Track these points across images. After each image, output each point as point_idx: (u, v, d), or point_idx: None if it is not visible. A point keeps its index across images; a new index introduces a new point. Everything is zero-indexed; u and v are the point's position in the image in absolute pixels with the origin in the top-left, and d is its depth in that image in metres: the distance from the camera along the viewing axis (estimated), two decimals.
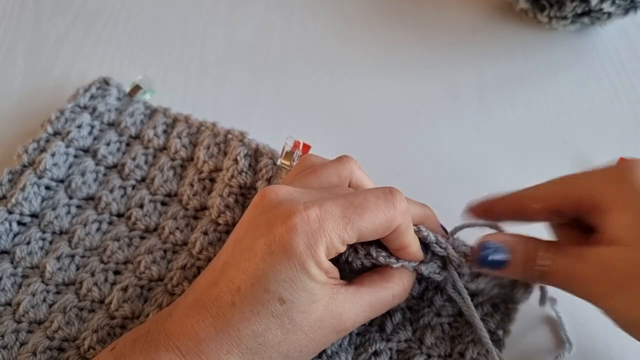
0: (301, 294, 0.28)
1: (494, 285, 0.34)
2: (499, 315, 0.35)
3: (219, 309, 0.29)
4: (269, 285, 0.28)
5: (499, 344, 0.34)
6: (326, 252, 0.29)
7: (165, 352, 0.29)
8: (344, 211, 0.29)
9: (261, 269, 0.28)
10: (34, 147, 0.44)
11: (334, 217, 0.29)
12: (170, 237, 0.40)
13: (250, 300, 0.28)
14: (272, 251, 0.28)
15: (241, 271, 0.29)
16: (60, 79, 0.53)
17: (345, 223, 0.29)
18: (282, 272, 0.28)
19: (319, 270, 0.29)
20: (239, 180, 0.41)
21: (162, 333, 0.30)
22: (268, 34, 0.56)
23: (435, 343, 0.34)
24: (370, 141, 0.48)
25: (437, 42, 0.55)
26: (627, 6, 0.50)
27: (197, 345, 0.29)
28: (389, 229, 0.30)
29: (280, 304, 0.28)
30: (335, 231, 0.28)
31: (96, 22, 0.57)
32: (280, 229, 0.28)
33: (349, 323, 0.31)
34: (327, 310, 0.30)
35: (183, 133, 0.44)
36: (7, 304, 0.38)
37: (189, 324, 0.29)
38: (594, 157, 0.46)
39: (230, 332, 0.29)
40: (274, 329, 0.29)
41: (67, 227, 0.41)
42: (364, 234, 0.29)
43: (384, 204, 0.30)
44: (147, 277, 0.38)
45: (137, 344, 0.30)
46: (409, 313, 0.36)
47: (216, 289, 0.30)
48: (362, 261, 0.33)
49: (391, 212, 0.29)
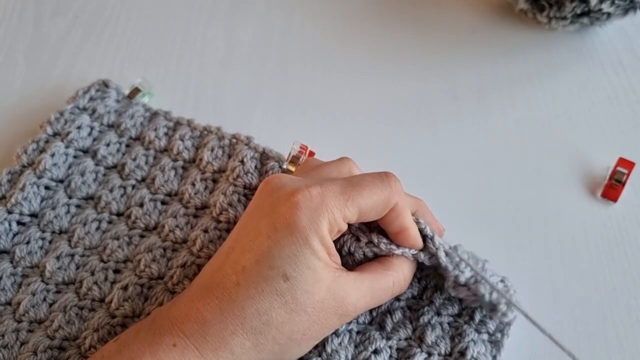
0: (305, 270, 0.29)
1: (473, 300, 0.35)
2: (497, 318, 0.35)
3: (224, 290, 0.29)
4: (273, 262, 0.29)
5: (498, 346, 0.34)
6: (329, 228, 0.30)
7: (169, 336, 0.29)
8: (343, 189, 0.30)
9: (265, 245, 0.29)
10: (33, 147, 0.44)
11: (334, 193, 0.30)
12: (170, 235, 0.40)
13: (255, 278, 0.29)
14: (276, 228, 0.29)
15: (246, 251, 0.30)
16: (61, 79, 0.53)
17: (346, 199, 0.30)
18: (285, 248, 0.29)
19: (321, 247, 0.30)
20: (245, 180, 0.41)
21: (166, 320, 0.30)
22: (268, 34, 0.56)
23: (435, 341, 0.34)
24: (370, 141, 0.48)
25: (437, 43, 0.55)
26: (626, 6, 0.50)
27: (201, 327, 0.29)
28: (387, 206, 0.31)
29: (284, 281, 0.29)
30: (337, 206, 0.30)
31: (96, 23, 0.57)
32: (284, 207, 0.29)
33: (351, 307, 0.31)
34: (330, 291, 0.30)
35: (186, 136, 0.44)
36: (7, 304, 0.38)
37: (194, 307, 0.30)
38: (594, 157, 0.46)
39: (235, 311, 0.29)
40: (277, 308, 0.29)
41: (67, 227, 0.41)
42: (363, 211, 0.31)
43: (380, 182, 0.31)
44: (147, 276, 0.38)
45: (140, 332, 0.30)
46: (409, 312, 0.36)
47: (221, 272, 0.30)
48: (364, 250, 0.34)
49: (387, 190, 0.31)
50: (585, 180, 0.45)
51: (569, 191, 0.44)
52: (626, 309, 0.38)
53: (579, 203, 0.43)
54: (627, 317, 0.38)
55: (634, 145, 0.47)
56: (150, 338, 0.29)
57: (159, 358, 0.28)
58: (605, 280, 0.39)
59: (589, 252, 0.41)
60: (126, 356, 0.29)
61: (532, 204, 0.44)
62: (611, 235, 0.42)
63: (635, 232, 0.42)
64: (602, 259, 0.40)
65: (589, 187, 0.44)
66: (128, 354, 0.29)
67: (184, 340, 0.29)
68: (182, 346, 0.29)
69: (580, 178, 0.45)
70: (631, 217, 0.42)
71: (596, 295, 0.39)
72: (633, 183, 0.44)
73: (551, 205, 0.43)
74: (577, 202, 0.43)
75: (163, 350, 0.29)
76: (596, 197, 0.44)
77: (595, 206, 0.43)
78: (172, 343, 0.29)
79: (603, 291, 0.39)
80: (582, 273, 0.40)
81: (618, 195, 0.43)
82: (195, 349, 0.29)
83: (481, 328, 0.35)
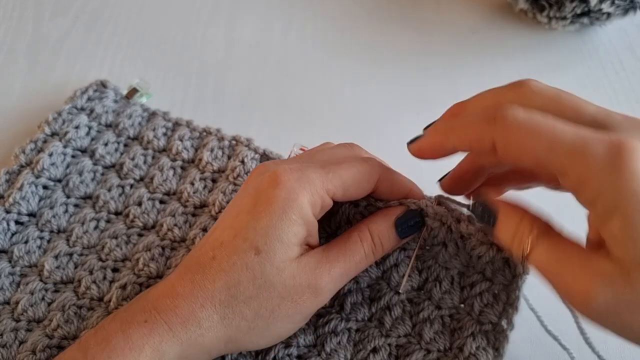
0: (276, 244, 0.29)
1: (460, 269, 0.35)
2: (500, 306, 0.34)
3: (199, 265, 0.30)
4: (248, 234, 0.29)
5: (503, 337, 0.33)
6: (311, 200, 0.30)
7: (142, 313, 0.29)
8: (323, 164, 0.31)
9: (245, 220, 0.30)
10: (31, 147, 0.44)
11: (314, 168, 0.31)
12: (169, 233, 0.40)
13: (229, 250, 0.29)
14: (256, 203, 0.30)
15: (227, 228, 0.30)
16: (61, 79, 0.53)
17: (327, 172, 0.30)
18: (262, 220, 0.29)
19: (300, 219, 0.30)
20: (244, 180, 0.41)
21: (142, 300, 0.31)
22: (268, 34, 0.56)
23: (434, 338, 0.34)
24: (369, 141, 0.48)
25: (437, 43, 0.55)
26: (626, 6, 0.50)
27: (173, 301, 0.29)
28: (371, 179, 0.32)
29: (256, 254, 0.29)
30: (318, 178, 0.30)
31: (96, 23, 0.57)
32: (265, 184, 0.30)
33: (324, 278, 0.30)
34: (300, 267, 0.30)
35: (185, 136, 0.44)
36: (5, 303, 0.37)
37: (169, 284, 0.30)
38: None
39: (206, 284, 0.29)
40: (245, 282, 0.29)
41: (65, 226, 0.41)
42: (347, 183, 0.31)
43: (357, 160, 0.32)
44: (145, 275, 0.38)
45: (117, 315, 0.31)
46: (409, 305, 0.36)
47: (201, 249, 0.31)
48: (363, 214, 0.34)
49: (365, 163, 0.32)
50: None
51: None
52: None
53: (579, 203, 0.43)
54: None
55: None
56: (124, 318, 0.30)
57: (129, 335, 0.29)
58: None
59: None
60: (100, 337, 0.29)
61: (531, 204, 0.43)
62: None
63: None
64: None
65: None
66: (102, 334, 0.29)
67: (154, 315, 0.29)
68: (152, 321, 0.29)
69: None
70: None
71: None
72: None
73: (551, 205, 0.43)
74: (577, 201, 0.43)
75: (134, 327, 0.29)
76: None
77: None
78: (144, 319, 0.29)
79: None
80: None
81: None
82: (164, 323, 0.29)
83: (483, 319, 0.34)
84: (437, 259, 0.35)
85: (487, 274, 0.35)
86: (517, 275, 0.34)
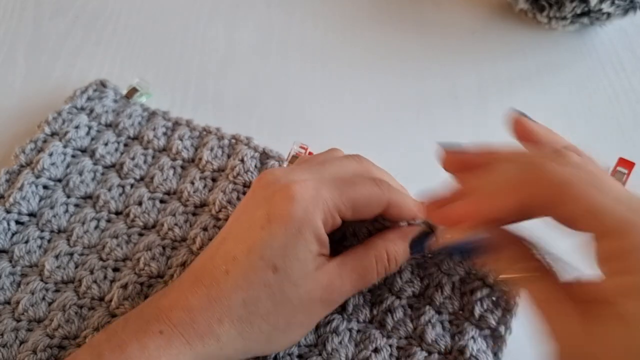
0: (294, 262, 0.29)
1: None
2: (499, 312, 0.35)
3: (212, 279, 0.30)
4: (264, 252, 0.29)
5: (501, 341, 0.34)
6: (323, 219, 0.30)
7: (156, 323, 0.29)
8: (337, 184, 0.31)
9: (258, 236, 0.29)
10: (31, 147, 0.44)
11: (329, 187, 0.30)
12: (169, 233, 0.40)
13: (245, 268, 0.29)
14: (270, 219, 0.29)
15: (239, 242, 0.30)
16: (61, 79, 0.53)
17: (340, 193, 0.31)
18: (278, 239, 0.29)
19: (313, 238, 0.30)
20: (244, 179, 0.41)
21: (155, 309, 0.30)
22: (268, 34, 0.56)
23: (435, 340, 0.34)
24: (369, 141, 0.48)
25: (437, 43, 0.55)
26: (626, 6, 0.50)
27: (188, 314, 0.29)
28: (381, 203, 0.32)
29: (273, 272, 0.29)
30: (332, 199, 0.30)
31: (96, 23, 0.57)
32: (279, 198, 0.30)
33: (336, 293, 0.32)
34: (315, 281, 0.30)
35: (185, 136, 0.44)
36: (6, 303, 0.37)
37: (182, 295, 0.30)
38: (594, 157, 0.45)
39: (222, 300, 0.29)
40: (264, 299, 0.29)
41: (66, 226, 0.41)
42: (357, 206, 0.31)
43: (370, 182, 0.32)
44: (146, 274, 0.38)
45: (129, 322, 0.30)
46: (410, 310, 0.36)
47: (212, 261, 0.31)
48: (369, 229, 0.34)
49: (377, 188, 0.32)
50: None
51: None
52: None
53: None
54: None
55: (634, 145, 0.46)
56: (137, 326, 0.30)
57: (145, 344, 0.29)
58: None
59: None
60: (114, 344, 0.29)
61: None
62: None
63: None
64: None
65: None
66: (116, 341, 0.29)
67: (170, 327, 0.29)
68: (169, 333, 0.29)
69: None
70: None
71: None
72: (633, 183, 0.44)
73: None
74: None
75: (149, 337, 0.29)
76: None
77: None
78: (159, 330, 0.29)
79: None
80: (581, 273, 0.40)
81: None
82: (181, 335, 0.29)
83: (482, 324, 0.35)
84: (441, 266, 0.36)
85: (488, 280, 0.36)
86: None
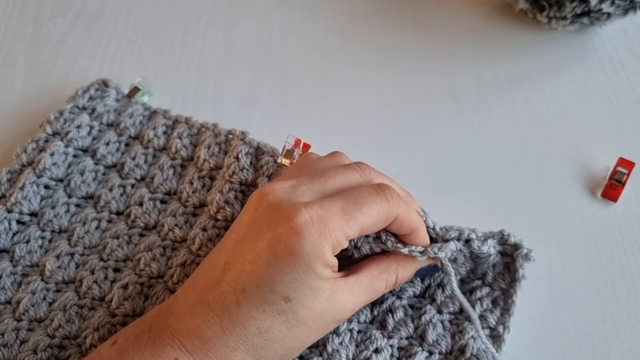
0: (306, 291, 0.29)
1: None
2: (498, 311, 0.35)
3: (223, 309, 0.29)
4: (275, 287, 0.29)
5: (499, 340, 0.35)
6: (332, 250, 0.29)
7: (171, 349, 0.29)
8: (344, 208, 0.30)
9: (266, 272, 0.29)
10: (33, 147, 0.44)
11: (336, 215, 0.29)
12: (170, 234, 0.40)
13: (256, 300, 0.29)
14: (278, 255, 0.29)
15: (245, 273, 0.29)
16: (61, 79, 0.53)
17: (347, 219, 0.29)
18: (288, 274, 0.29)
19: (325, 269, 0.30)
20: (240, 177, 0.41)
21: (165, 330, 0.30)
22: (268, 34, 0.56)
23: (436, 340, 0.34)
24: (369, 141, 0.48)
25: (437, 42, 0.55)
26: (626, 6, 0.50)
27: (204, 344, 0.29)
28: (388, 220, 0.31)
29: (286, 302, 0.29)
30: (339, 229, 0.29)
31: (96, 23, 0.57)
32: (284, 231, 0.29)
33: (348, 312, 0.32)
34: (329, 302, 0.31)
35: (184, 134, 0.44)
36: (7, 302, 0.38)
37: (194, 322, 0.30)
38: (594, 157, 0.46)
39: (237, 329, 0.29)
40: (279, 325, 0.29)
41: (67, 226, 0.41)
42: (365, 228, 0.30)
43: (378, 197, 0.31)
44: (147, 275, 0.38)
45: (139, 340, 0.30)
46: (410, 310, 0.36)
47: (219, 288, 0.30)
48: (372, 246, 0.34)
49: (386, 204, 0.31)
50: (585, 180, 0.45)
51: (569, 191, 0.44)
52: (626, 309, 0.38)
53: (578, 203, 0.43)
54: (627, 317, 0.38)
55: (634, 145, 0.47)
56: (150, 349, 0.29)
57: None
58: (605, 280, 0.39)
59: (589, 252, 0.41)
60: None
61: (531, 204, 0.44)
62: (611, 235, 0.42)
63: (635, 232, 0.42)
64: (602, 259, 0.40)
65: (589, 187, 0.44)
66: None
67: (186, 355, 0.29)
68: None
69: (580, 178, 0.45)
70: (631, 217, 0.42)
71: (596, 295, 0.39)
72: (633, 183, 0.44)
73: (551, 205, 0.43)
74: (577, 201, 0.43)
75: None
76: (596, 197, 0.44)
77: (595, 206, 0.43)
78: (175, 357, 0.29)
79: (603, 291, 0.39)
80: (582, 273, 0.40)
81: (618, 195, 0.43)
82: None
83: (482, 323, 0.35)
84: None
85: (487, 279, 0.36)
86: (517, 280, 0.36)
